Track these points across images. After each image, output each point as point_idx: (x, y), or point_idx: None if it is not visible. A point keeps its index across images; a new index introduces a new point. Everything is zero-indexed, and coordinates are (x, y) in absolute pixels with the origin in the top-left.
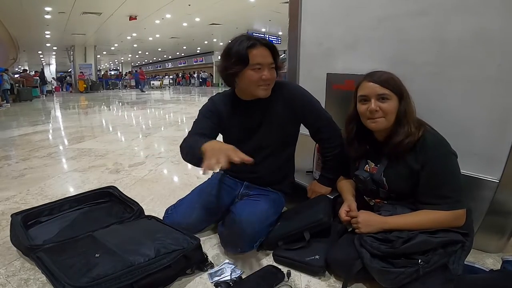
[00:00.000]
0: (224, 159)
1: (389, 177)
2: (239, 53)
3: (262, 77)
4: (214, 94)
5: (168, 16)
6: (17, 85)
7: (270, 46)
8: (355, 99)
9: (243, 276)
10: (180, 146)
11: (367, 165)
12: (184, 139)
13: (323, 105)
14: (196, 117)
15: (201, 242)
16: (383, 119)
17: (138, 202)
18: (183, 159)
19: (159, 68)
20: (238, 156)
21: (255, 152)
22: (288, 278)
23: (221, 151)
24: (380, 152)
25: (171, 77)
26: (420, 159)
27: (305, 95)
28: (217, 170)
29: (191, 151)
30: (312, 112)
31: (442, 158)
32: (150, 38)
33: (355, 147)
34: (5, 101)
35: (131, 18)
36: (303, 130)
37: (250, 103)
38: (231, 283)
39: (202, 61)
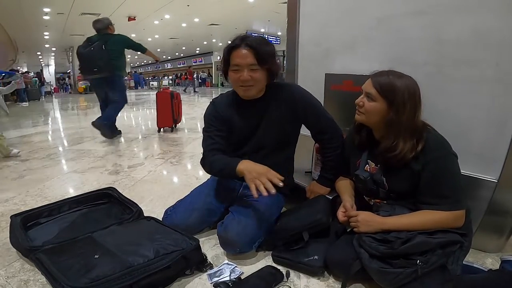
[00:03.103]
0: (269, 185)
1: (389, 177)
2: (224, 54)
3: (240, 78)
4: (213, 95)
5: (167, 16)
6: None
7: (252, 47)
8: None
9: (242, 277)
10: (203, 164)
11: (367, 165)
12: (206, 155)
13: None
14: (204, 125)
15: (200, 243)
16: (363, 115)
17: (137, 203)
18: (211, 174)
19: (158, 68)
20: (277, 177)
21: (254, 152)
22: (287, 279)
23: (261, 175)
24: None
25: (170, 77)
26: (421, 160)
27: (307, 96)
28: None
29: (228, 173)
30: (314, 113)
31: (443, 159)
32: (149, 39)
33: (362, 134)
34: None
35: (130, 18)
36: (302, 130)
37: (249, 103)
38: (230, 283)
39: (201, 61)
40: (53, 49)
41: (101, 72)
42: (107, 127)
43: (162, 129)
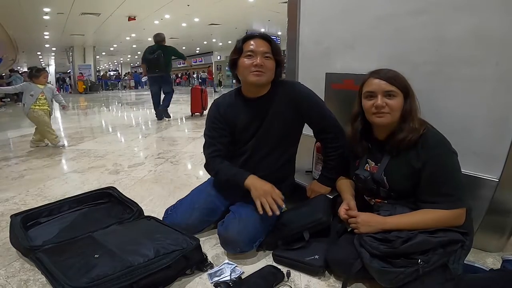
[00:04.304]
0: (274, 206)
1: (389, 176)
2: (236, 44)
3: (253, 63)
4: (214, 94)
5: (167, 16)
6: None
7: (267, 39)
8: (360, 96)
9: (243, 276)
10: (207, 169)
11: (367, 164)
12: (210, 161)
13: None
14: (206, 127)
15: (200, 243)
16: (389, 115)
17: (138, 203)
18: (218, 180)
19: None
20: (280, 197)
21: (256, 150)
22: (288, 278)
23: (266, 194)
24: (380, 151)
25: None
26: (422, 157)
27: (311, 94)
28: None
29: (233, 183)
30: (318, 112)
31: (443, 157)
32: (149, 39)
33: (361, 143)
34: (4, 103)
35: (130, 18)
36: (303, 130)
37: (253, 101)
38: (230, 283)
39: (201, 61)
40: (53, 49)
41: (160, 72)
42: (165, 111)
43: (193, 114)
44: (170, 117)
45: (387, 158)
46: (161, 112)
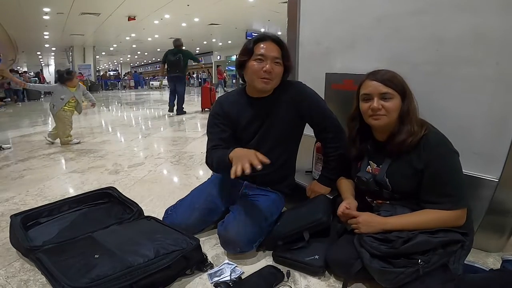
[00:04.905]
0: (247, 165)
1: (392, 177)
2: (247, 45)
3: (263, 69)
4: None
5: (167, 16)
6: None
7: (279, 43)
8: (358, 98)
9: (243, 277)
10: (207, 163)
11: (369, 166)
12: (208, 154)
13: None
14: (208, 124)
15: (200, 243)
16: (385, 117)
17: (138, 203)
18: (215, 172)
19: (158, 68)
20: (258, 159)
21: (257, 149)
22: (288, 278)
23: (244, 157)
24: (382, 152)
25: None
26: (424, 157)
27: (312, 94)
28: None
29: (223, 164)
30: (319, 111)
31: (445, 157)
32: (149, 39)
33: (357, 146)
34: (4, 103)
35: (129, 18)
36: (304, 130)
37: (257, 100)
38: (230, 283)
39: (201, 61)
40: (53, 49)
41: (178, 73)
42: (181, 111)
43: (204, 109)
44: (185, 113)
45: (388, 160)
46: (179, 112)
